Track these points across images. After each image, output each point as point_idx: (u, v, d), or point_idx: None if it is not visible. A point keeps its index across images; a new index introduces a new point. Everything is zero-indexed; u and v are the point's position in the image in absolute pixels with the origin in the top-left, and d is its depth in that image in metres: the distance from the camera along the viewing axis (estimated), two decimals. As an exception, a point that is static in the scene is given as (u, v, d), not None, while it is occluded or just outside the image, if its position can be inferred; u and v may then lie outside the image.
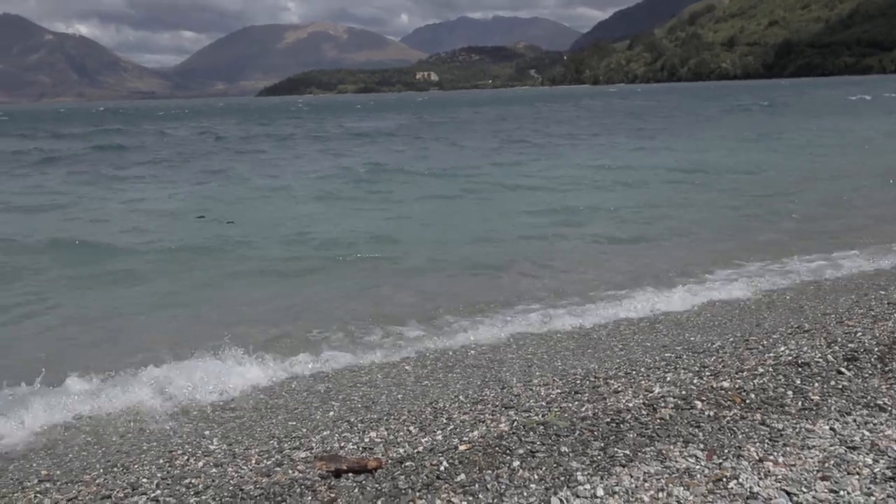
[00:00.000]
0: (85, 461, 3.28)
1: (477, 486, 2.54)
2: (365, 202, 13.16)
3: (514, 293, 6.47)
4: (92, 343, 5.33)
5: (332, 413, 3.70)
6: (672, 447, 2.76)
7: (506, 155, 21.22)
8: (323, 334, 5.24)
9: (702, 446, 2.75)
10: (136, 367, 4.33)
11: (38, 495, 2.76)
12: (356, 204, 12.93)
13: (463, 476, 2.63)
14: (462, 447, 2.94)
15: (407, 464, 2.76)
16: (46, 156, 23.93)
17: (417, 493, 2.50)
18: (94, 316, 6.07)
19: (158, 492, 2.67)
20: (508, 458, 2.78)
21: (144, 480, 2.80)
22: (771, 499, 2.38)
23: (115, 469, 3.00)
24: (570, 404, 3.47)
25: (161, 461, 3.02)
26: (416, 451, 2.96)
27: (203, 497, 2.59)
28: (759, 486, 2.44)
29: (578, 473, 2.59)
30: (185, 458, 3.04)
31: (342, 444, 3.11)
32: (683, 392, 3.44)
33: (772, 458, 2.64)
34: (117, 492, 2.69)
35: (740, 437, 2.82)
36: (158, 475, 2.84)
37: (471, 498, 2.45)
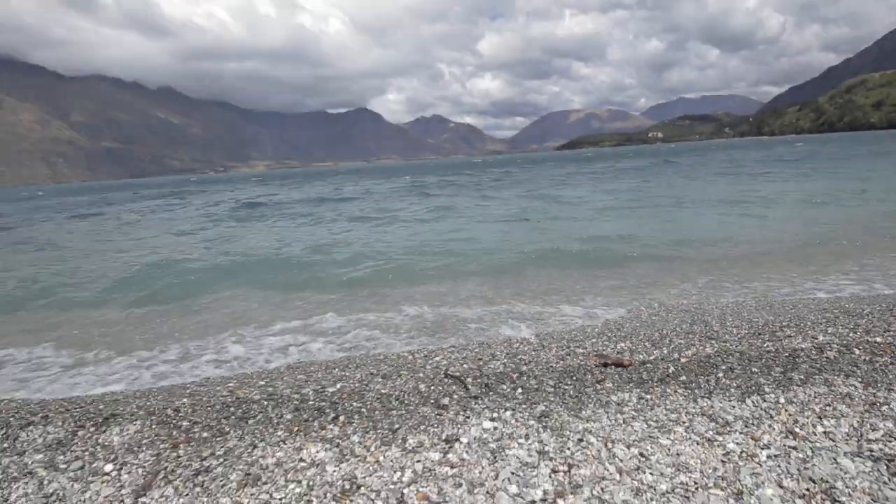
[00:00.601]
0: (472, 339, 5.59)
1: (693, 385, 4.02)
2: (625, 211, 16.91)
3: (720, 272, 8.04)
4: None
5: (596, 330, 5.43)
6: (836, 377, 3.90)
7: (726, 182, 25.67)
8: (586, 290, 7.31)
9: (860, 379, 3.84)
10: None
11: (422, 360, 5.08)
12: (621, 212, 16.83)
13: (684, 377, 4.14)
14: (682, 360, 4.45)
15: (647, 365, 4.37)
16: (452, 183, 38.42)
17: (655, 384, 4.09)
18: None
19: (506, 360, 4.74)
20: (714, 370, 4.21)
21: (498, 353, 4.93)
22: (914, 421, 3.48)
23: (484, 346, 5.21)
24: (756, 341, 4.71)
25: (504, 345, 5.14)
26: (650, 358, 4.56)
27: (529, 366, 4.57)
28: (905, 411, 3.54)
29: (765, 386, 3.90)
30: (517, 345, 5.11)
31: (603, 348, 4.86)
32: (844, 341, 4.43)
33: (917, 394, 3.68)
34: (485, 357, 4.85)
35: (891, 377, 3.83)
36: (505, 352, 4.93)
37: (689, 391, 3.92)
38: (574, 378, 4.23)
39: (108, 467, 3.38)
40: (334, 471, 3.22)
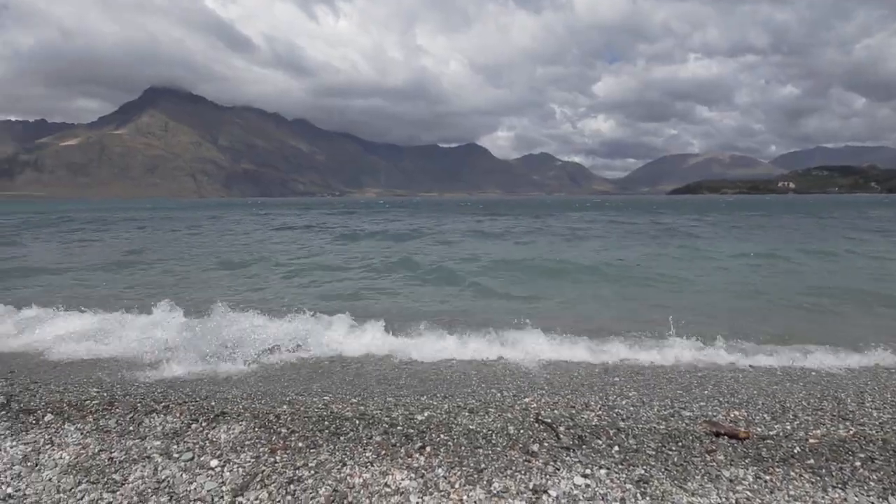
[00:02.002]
0: (565, 386, 5.30)
1: (823, 471, 3.44)
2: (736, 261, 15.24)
3: (858, 334, 6.93)
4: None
5: (706, 392, 4.92)
6: None
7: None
8: (707, 339, 6.61)
9: None
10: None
11: (511, 399, 4.87)
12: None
13: (812, 461, 3.57)
14: (810, 440, 3.86)
15: (767, 441, 3.85)
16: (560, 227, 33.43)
17: (776, 463, 3.57)
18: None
19: (601, 412, 4.42)
20: (850, 458, 3.59)
21: (592, 403, 4.62)
22: None
23: (577, 393, 4.94)
24: (906, 429, 3.98)
25: (600, 395, 4.82)
26: (770, 433, 4.01)
27: (628, 423, 4.22)
28: None
29: (916, 485, 3.27)
30: (614, 398, 4.76)
31: (714, 413, 4.37)
32: None
33: None
34: (578, 406, 4.56)
35: None
36: (600, 403, 4.61)
37: (817, 478, 3.36)
38: (679, 444, 3.82)
39: (214, 462, 3.56)
40: (417, 502, 3.12)
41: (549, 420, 4.20)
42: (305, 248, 20.99)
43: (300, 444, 3.83)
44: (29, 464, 3.56)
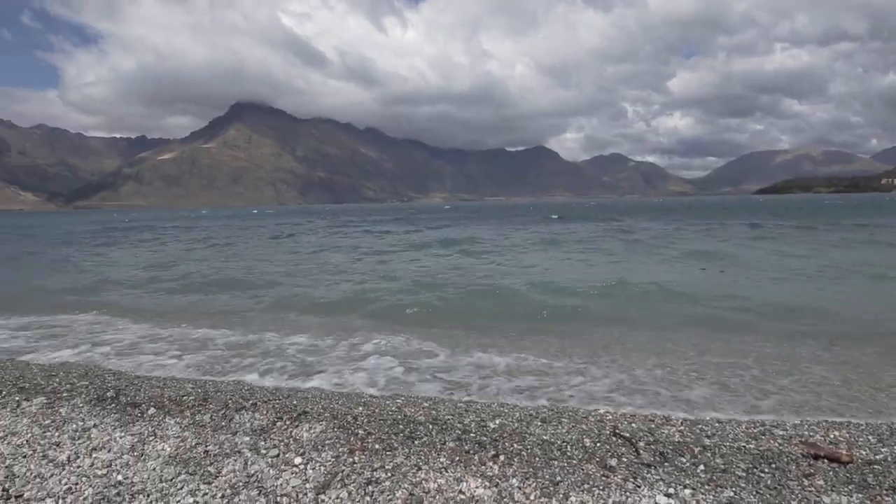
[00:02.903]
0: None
1: None
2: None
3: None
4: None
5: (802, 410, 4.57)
6: None
7: None
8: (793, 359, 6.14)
9: None
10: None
11: (585, 410, 4.70)
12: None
13: (929, 492, 3.21)
14: (927, 469, 3.46)
15: (874, 466, 3.49)
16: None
17: (884, 491, 3.22)
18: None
19: (683, 428, 4.19)
20: (977, 491, 3.19)
21: (674, 418, 4.40)
22: None
23: (654, 407, 4.73)
24: None
25: (685, 411, 4.59)
26: (877, 457, 3.64)
27: (713, 440, 3.97)
28: None
29: None
30: (697, 411, 4.53)
31: (810, 433, 4.03)
32: None
33: None
34: (658, 421, 4.36)
35: None
36: (682, 419, 4.39)
37: None
38: (772, 465, 3.54)
39: (298, 460, 3.71)
40: (493, 512, 3.09)
41: (628, 434, 4.03)
42: (372, 258, 21.42)
43: (377, 446, 3.91)
44: (135, 453, 3.87)
